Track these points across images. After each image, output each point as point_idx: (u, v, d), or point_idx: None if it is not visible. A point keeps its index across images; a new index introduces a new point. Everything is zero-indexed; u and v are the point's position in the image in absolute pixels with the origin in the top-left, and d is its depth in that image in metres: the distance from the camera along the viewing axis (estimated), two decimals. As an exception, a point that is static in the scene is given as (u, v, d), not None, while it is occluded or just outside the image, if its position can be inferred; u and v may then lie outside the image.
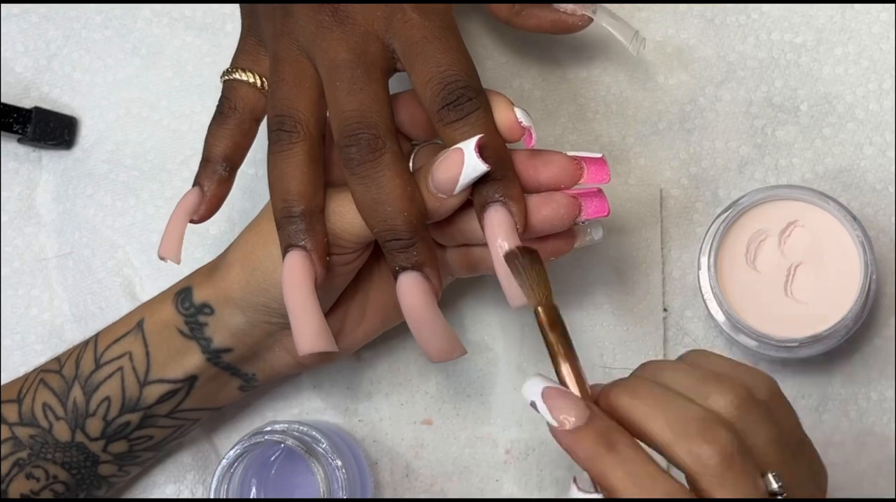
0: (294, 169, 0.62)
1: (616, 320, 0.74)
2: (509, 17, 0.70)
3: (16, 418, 0.68)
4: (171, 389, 0.67)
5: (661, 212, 0.75)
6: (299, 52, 0.63)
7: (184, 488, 0.75)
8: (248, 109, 0.65)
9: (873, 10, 0.75)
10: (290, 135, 0.62)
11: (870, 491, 0.72)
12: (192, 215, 0.65)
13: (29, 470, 0.67)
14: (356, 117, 0.61)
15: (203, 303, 0.67)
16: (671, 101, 0.76)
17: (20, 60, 0.80)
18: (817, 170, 0.74)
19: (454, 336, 0.62)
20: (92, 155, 0.79)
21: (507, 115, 0.62)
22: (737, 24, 0.76)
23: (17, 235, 0.78)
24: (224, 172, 0.65)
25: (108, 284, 0.77)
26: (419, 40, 0.61)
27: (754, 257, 0.70)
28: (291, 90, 0.63)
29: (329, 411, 0.75)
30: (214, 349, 0.67)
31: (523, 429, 0.74)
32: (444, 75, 0.61)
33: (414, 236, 0.60)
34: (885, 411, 0.72)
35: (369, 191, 0.60)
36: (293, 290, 0.61)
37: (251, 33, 0.66)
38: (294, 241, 0.61)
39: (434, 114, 0.61)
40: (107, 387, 0.67)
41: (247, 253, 0.66)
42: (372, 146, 0.60)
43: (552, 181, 0.62)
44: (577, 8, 0.69)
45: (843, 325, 0.68)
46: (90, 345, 0.69)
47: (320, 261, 0.62)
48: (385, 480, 0.74)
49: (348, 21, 0.62)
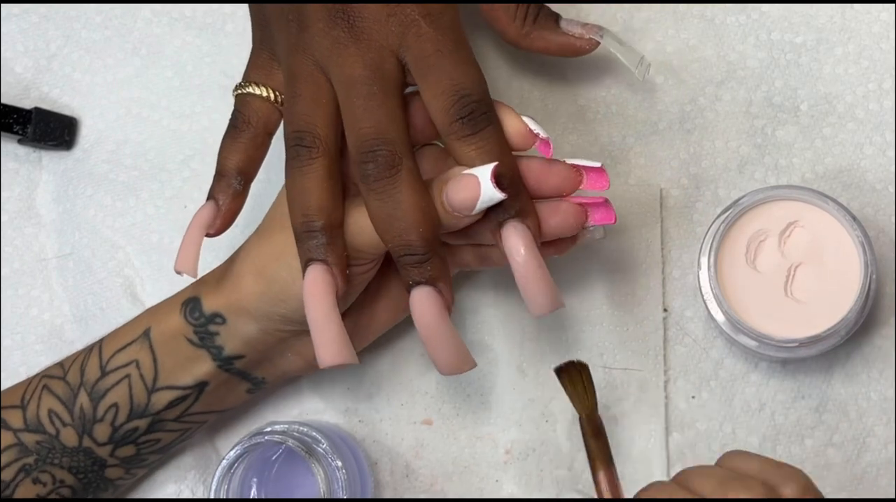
0: (314, 184, 0.62)
1: (616, 320, 0.74)
2: (518, 38, 0.70)
3: (20, 424, 0.68)
4: (181, 395, 0.68)
5: (661, 212, 0.75)
6: (315, 68, 0.64)
7: (184, 487, 0.75)
8: (262, 123, 0.66)
9: (873, 9, 0.75)
10: (310, 151, 0.63)
11: (870, 491, 0.72)
12: (207, 229, 0.65)
13: (35, 476, 0.67)
14: (373, 134, 0.61)
15: (214, 312, 0.67)
16: (671, 101, 0.76)
17: (20, 60, 0.80)
18: (817, 170, 0.74)
19: (465, 350, 0.63)
20: (92, 155, 0.79)
21: (517, 124, 0.64)
22: (737, 24, 0.76)
23: (17, 235, 0.78)
24: (238, 186, 0.66)
25: (109, 285, 0.77)
26: (432, 53, 0.62)
27: (754, 257, 0.70)
28: (309, 106, 0.63)
29: (329, 411, 0.75)
30: (226, 356, 0.67)
31: (523, 429, 0.74)
32: (456, 89, 0.62)
33: (428, 251, 0.61)
34: (885, 411, 0.72)
35: (385, 207, 0.61)
36: (315, 305, 0.61)
37: (264, 46, 0.67)
38: (315, 256, 0.62)
39: (445, 126, 0.62)
40: (114, 394, 0.67)
41: (261, 265, 0.66)
42: (389, 163, 0.61)
43: (555, 190, 0.64)
44: (584, 32, 0.70)
45: (843, 325, 0.68)
46: (94, 351, 0.69)
47: (341, 275, 0.62)
48: (385, 480, 0.74)
49: (364, 37, 0.63)
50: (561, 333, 0.74)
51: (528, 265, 0.62)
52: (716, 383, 0.73)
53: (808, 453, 0.72)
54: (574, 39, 0.70)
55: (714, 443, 0.73)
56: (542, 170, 0.64)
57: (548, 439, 0.74)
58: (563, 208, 0.64)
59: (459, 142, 0.62)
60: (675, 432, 0.73)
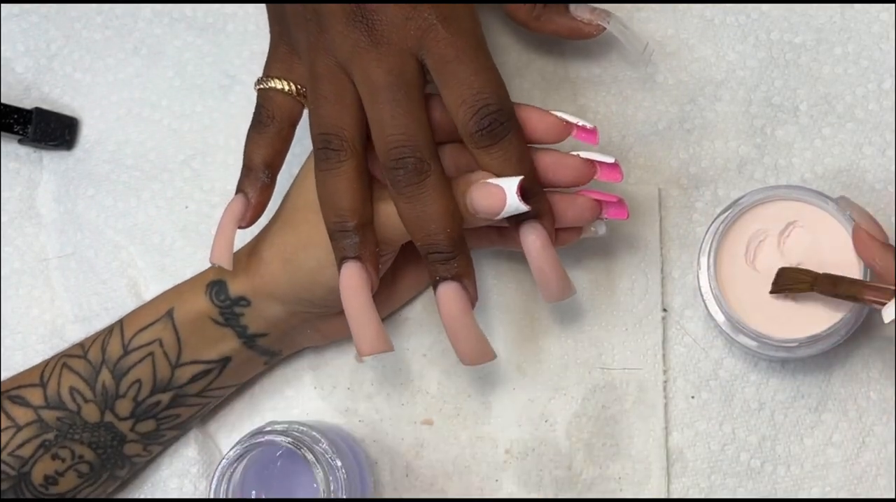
0: (345, 186, 0.65)
1: (615, 320, 0.74)
2: (528, 20, 0.72)
3: (41, 401, 0.69)
4: (205, 369, 0.70)
5: (661, 212, 0.75)
6: (337, 68, 0.65)
7: (187, 482, 0.75)
8: (286, 117, 0.68)
9: (873, 9, 0.75)
10: (339, 154, 0.65)
11: (870, 491, 0.72)
12: (239, 222, 0.67)
13: (55, 451, 0.69)
14: (401, 141, 0.64)
15: (240, 296, 0.69)
16: (671, 101, 0.76)
17: (21, 60, 0.80)
18: (817, 170, 0.74)
19: (486, 342, 0.66)
20: (93, 155, 0.79)
21: (544, 120, 0.66)
22: (736, 23, 0.76)
23: (18, 235, 0.78)
24: (266, 179, 0.68)
25: (114, 285, 0.77)
26: (451, 60, 0.64)
27: (754, 257, 0.70)
28: (334, 107, 0.65)
29: (329, 411, 0.75)
30: (251, 334, 0.70)
31: (523, 429, 0.74)
32: (476, 98, 0.64)
33: (454, 250, 0.64)
34: (885, 411, 0.72)
35: (414, 210, 0.64)
36: (352, 300, 0.65)
37: (283, 41, 0.68)
38: (349, 254, 0.65)
39: (468, 136, 0.64)
40: (137, 371, 0.69)
41: (288, 253, 0.68)
42: (418, 169, 0.64)
43: (569, 183, 0.67)
44: (593, 17, 0.72)
45: (843, 325, 0.68)
46: (115, 331, 0.70)
47: (374, 270, 0.65)
48: (385, 480, 0.75)
49: (384, 41, 0.64)
50: (560, 333, 0.74)
51: (542, 258, 0.66)
52: (715, 383, 0.73)
53: (807, 452, 0.72)
54: (583, 24, 0.72)
55: (714, 443, 0.73)
56: (557, 164, 0.67)
57: (547, 439, 0.74)
58: (580, 202, 0.68)
59: (480, 152, 0.65)
60: (675, 432, 0.73)
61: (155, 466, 0.75)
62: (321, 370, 0.76)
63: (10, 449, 0.69)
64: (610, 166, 0.67)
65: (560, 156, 0.67)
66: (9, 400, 0.69)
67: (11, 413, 0.69)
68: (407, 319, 0.75)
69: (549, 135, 0.67)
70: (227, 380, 0.72)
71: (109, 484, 0.72)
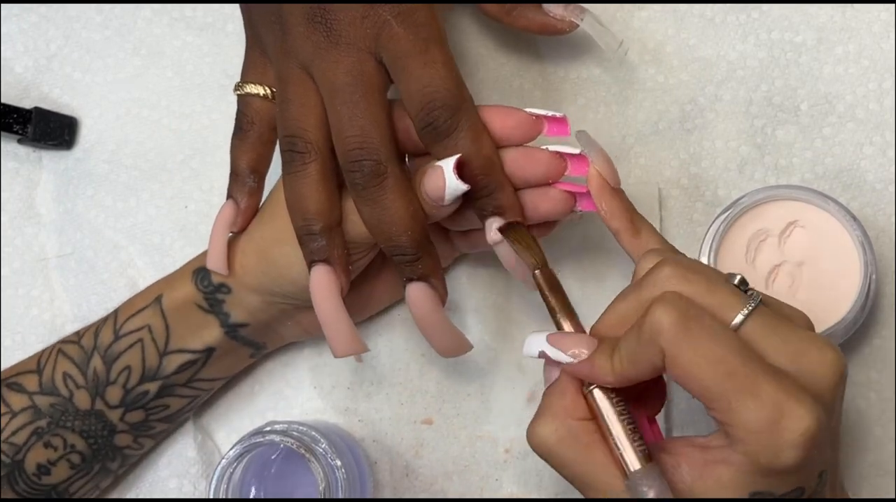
0: (310, 189, 0.65)
1: (616, 320, 0.74)
2: (499, 14, 0.72)
3: (35, 387, 0.70)
4: (191, 359, 0.70)
5: (661, 212, 0.75)
6: (301, 71, 0.65)
7: (186, 482, 0.75)
8: (266, 121, 0.68)
9: (873, 9, 0.75)
10: (303, 156, 0.65)
11: (870, 491, 0.72)
12: (231, 227, 0.68)
13: (47, 439, 0.69)
14: (357, 143, 0.63)
15: (221, 283, 0.70)
16: (671, 101, 0.75)
17: (20, 60, 0.80)
18: (817, 170, 0.74)
19: (460, 334, 0.67)
20: (92, 155, 0.79)
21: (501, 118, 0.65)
22: (737, 23, 0.76)
23: (17, 235, 0.78)
24: (253, 184, 0.68)
25: (113, 285, 0.77)
26: (402, 55, 0.63)
27: (754, 257, 0.70)
28: (299, 110, 0.65)
29: (329, 411, 0.75)
30: (232, 323, 0.70)
31: (523, 429, 0.73)
32: (423, 92, 0.63)
33: (418, 251, 0.64)
34: (885, 411, 0.72)
35: (375, 212, 0.64)
36: (323, 303, 0.65)
37: (255, 46, 0.69)
38: (317, 257, 0.65)
39: (418, 132, 0.64)
40: (127, 357, 0.70)
41: (263, 247, 0.68)
42: (375, 172, 0.63)
43: (541, 178, 0.66)
44: (566, 14, 0.71)
45: (843, 325, 0.68)
46: (110, 318, 0.71)
47: (344, 272, 0.65)
48: (385, 480, 0.74)
49: (342, 41, 0.64)
50: (561, 333, 0.74)
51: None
52: (716, 383, 0.73)
53: (807, 453, 0.72)
54: (555, 21, 0.72)
55: (714, 443, 0.73)
56: (524, 159, 0.65)
57: (547, 439, 0.73)
58: (553, 194, 0.66)
59: (432, 146, 0.64)
60: (675, 432, 0.73)
61: (154, 466, 0.75)
62: (321, 370, 0.75)
63: (5, 435, 0.69)
64: (578, 158, 0.66)
65: (527, 149, 0.66)
66: (7, 386, 0.70)
67: (8, 399, 0.70)
68: (406, 319, 0.75)
69: (518, 133, 0.65)
70: (213, 372, 0.72)
71: (102, 478, 0.72)
